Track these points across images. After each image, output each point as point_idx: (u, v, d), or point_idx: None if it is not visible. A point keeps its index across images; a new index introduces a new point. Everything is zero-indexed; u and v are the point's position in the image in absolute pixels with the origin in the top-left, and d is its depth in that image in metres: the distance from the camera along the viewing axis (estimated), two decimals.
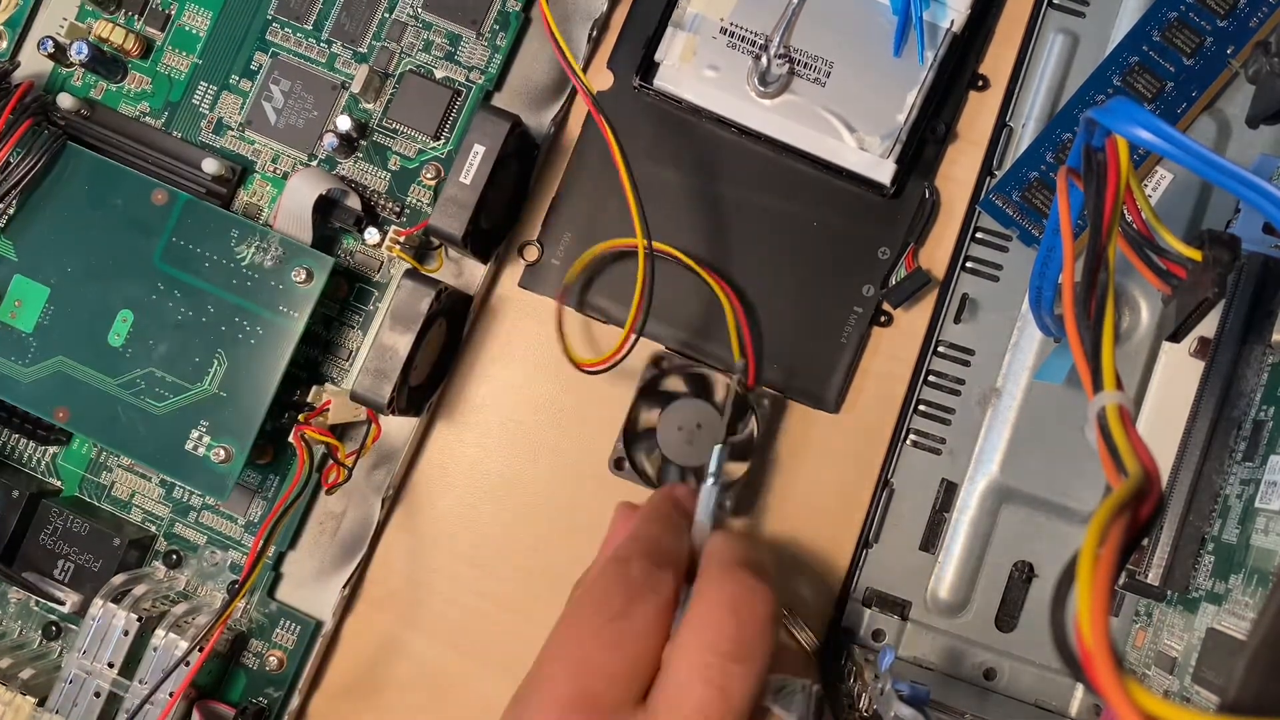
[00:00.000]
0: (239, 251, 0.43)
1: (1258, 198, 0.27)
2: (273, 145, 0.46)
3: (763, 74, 0.44)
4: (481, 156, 0.41)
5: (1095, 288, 0.28)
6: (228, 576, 0.46)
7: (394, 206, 0.46)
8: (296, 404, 0.45)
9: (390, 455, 0.46)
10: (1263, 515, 0.33)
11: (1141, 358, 0.42)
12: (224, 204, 0.46)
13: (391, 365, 0.40)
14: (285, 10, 0.46)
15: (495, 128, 0.41)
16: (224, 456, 0.42)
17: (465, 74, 0.46)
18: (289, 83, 0.46)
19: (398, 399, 0.41)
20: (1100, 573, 0.22)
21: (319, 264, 0.43)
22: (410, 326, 0.41)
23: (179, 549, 0.46)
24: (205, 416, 0.43)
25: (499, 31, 0.46)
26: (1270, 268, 0.36)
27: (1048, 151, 0.43)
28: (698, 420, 0.44)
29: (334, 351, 0.46)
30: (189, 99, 0.47)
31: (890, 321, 0.45)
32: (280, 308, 0.43)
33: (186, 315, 0.43)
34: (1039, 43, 0.45)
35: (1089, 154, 0.29)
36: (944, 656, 0.43)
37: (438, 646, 0.46)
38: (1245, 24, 0.42)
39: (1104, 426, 0.25)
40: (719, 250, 0.46)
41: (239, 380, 0.43)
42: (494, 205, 0.44)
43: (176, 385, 0.43)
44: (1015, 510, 0.43)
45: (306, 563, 0.46)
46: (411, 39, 0.46)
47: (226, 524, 0.46)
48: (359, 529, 0.46)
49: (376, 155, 0.46)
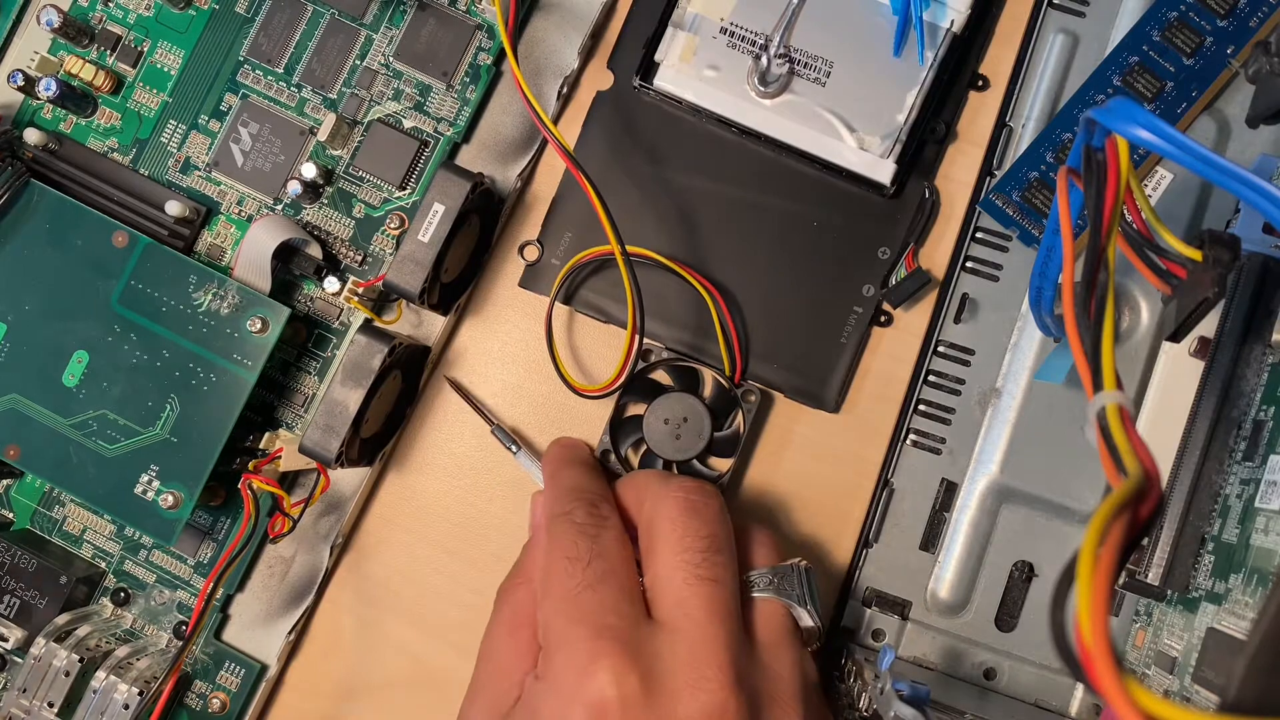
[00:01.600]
0: (196, 298, 0.43)
1: (1258, 198, 0.27)
2: (238, 188, 0.46)
3: (763, 74, 0.44)
4: (441, 215, 0.41)
5: (1095, 288, 0.28)
6: (175, 617, 0.45)
7: (356, 255, 0.45)
8: (249, 449, 0.44)
9: (340, 504, 0.45)
10: (1263, 515, 0.33)
11: (1141, 358, 0.42)
12: (187, 245, 0.45)
13: (341, 421, 0.40)
14: (257, 53, 0.46)
15: (456, 188, 0.41)
16: (172, 502, 0.42)
17: (434, 125, 0.46)
18: (257, 125, 0.46)
19: (347, 452, 0.41)
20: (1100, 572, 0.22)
21: (274, 314, 0.42)
22: (361, 382, 0.40)
23: (127, 587, 0.46)
24: (156, 461, 0.42)
25: (469, 84, 0.46)
26: (1270, 268, 0.36)
27: (1048, 151, 0.44)
28: (684, 414, 0.44)
29: (289, 397, 0.46)
30: (157, 137, 0.46)
31: (890, 321, 0.45)
32: (235, 356, 0.42)
33: (141, 359, 0.42)
34: (1039, 43, 0.45)
35: (1089, 154, 0.29)
36: (944, 656, 0.43)
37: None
38: (1245, 24, 0.42)
39: (1104, 426, 0.25)
40: (718, 250, 0.46)
41: (191, 426, 0.42)
42: (455, 260, 0.44)
43: (128, 428, 0.42)
44: (1015, 510, 0.43)
45: (254, 605, 0.45)
46: (381, 87, 0.46)
47: (176, 564, 0.45)
48: (308, 574, 0.45)
49: (341, 202, 0.46)
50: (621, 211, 0.46)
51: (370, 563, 0.46)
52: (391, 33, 0.46)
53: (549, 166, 0.47)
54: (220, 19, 0.47)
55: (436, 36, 0.46)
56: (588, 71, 0.47)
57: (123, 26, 0.47)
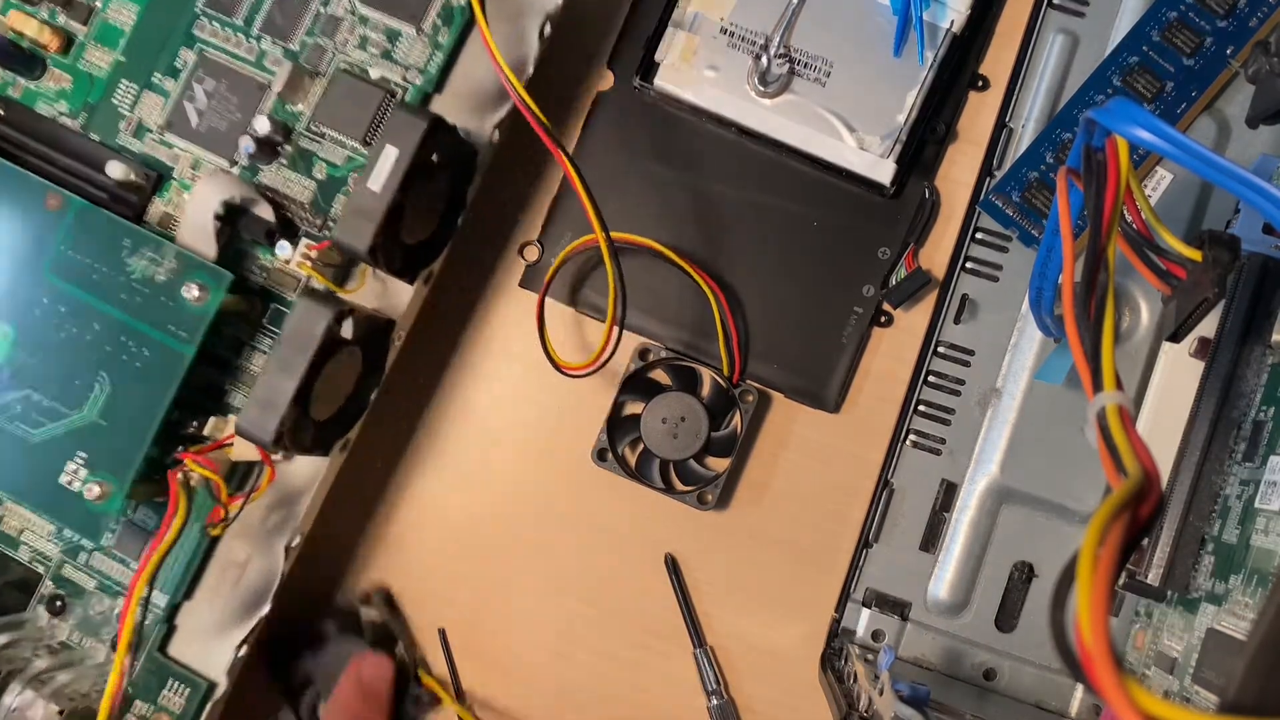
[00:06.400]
0: (130, 264, 0.39)
1: (1257, 198, 0.27)
2: (193, 150, 0.42)
3: (763, 74, 0.44)
4: (394, 161, 0.36)
5: (1095, 288, 0.28)
6: (113, 629, 0.41)
7: (317, 219, 0.42)
8: (194, 435, 0.40)
9: (293, 498, 0.41)
10: (1262, 515, 0.33)
11: (1141, 358, 0.42)
12: (136, 213, 0.42)
13: (279, 396, 0.35)
14: (215, 3, 0.42)
15: (410, 129, 0.36)
16: (99, 493, 0.38)
17: (402, 73, 0.42)
18: (214, 82, 0.42)
19: (294, 436, 0.37)
20: (1100, 572, 0.22)
21: (215, 279, 0.38)
22: (304, 351, 0.36)
23: (65, 594, 0.41)
24: (84, 447, 0.38)
25: (441, 27, 0.41)
26: (1270, 268, 0.36)
27: (1048, 152, 0.43)
28: (682, 414, 0.44)
29: (242, 378, 0.41)
30: (109, 99, 0.43)
31: (890, 322, 0.45)
32: (170, 328, 0.38)
33: (70, 332, 0.38)
34: (1039, 43, 0.45)
35: (1089, 154, 0.29)
36: (944, 657, 0.43)
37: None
38: (1245, 24, 0.42)
39: (1104, 426, 0.25)
40: (718, 250, 0.46)
41: (122, 408, 0.38)
42: (417, 218, 0.39)
43: (54, 410, 0.38)
44: (1015, 510, 0.43)
45: (204, 614, 0.41)
46: (346, 34, 0.42)
47: (119, 569, 0.41)
48: (262, 580, 0.41)
49: (301, 162, 0.42)
50: (621, 210, 0.46)
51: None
52: None
53: (550, 168, 0.47)
54: None
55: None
56: (588, 71, 0.47)
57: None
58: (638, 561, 0.46)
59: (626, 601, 0.46)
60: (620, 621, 0.46)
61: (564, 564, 0.46)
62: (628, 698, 0.45)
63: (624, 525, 0.46)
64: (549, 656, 0.46)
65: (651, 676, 0.46)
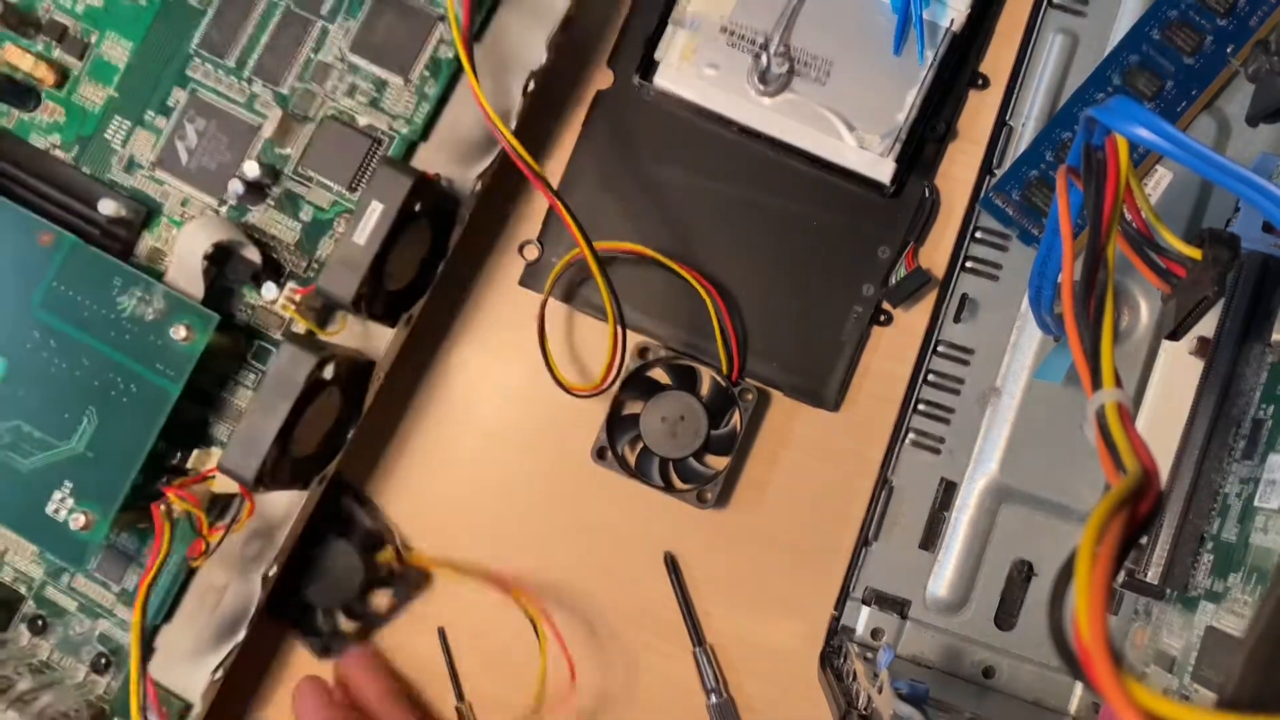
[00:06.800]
0: (120, 302, 0.39)
1: (1258, 196, 0.27)
2: (183, 188, 0.43)
3: (763, 73, 0.44)
4: (379, 215, 0.38)
5: (1094, 286, 0.28)
6: (94, 649, 0.42)
7: (302, 260, 0.42)
8: (178, 467, 0.41)
9: (271, 529, 0.42)
10: (1262, 514, 0.33)
11: (1141, 356, 0.42)
12: (126, 248, 0.43)
13: (261, 439, 0.37)
14: (208, 45, 0.43)
15: (396, 185, 0.38)
16: (84, 523, 0.39)
17: (389, 122, 0.43)
18: (205, 121, 0.43)
19: (274, 473, 0.38)
20: (1098, 570, 0.22)
21: (202, 321, 0.39)
22: (286, 396, 0.37)
23: (46, 614, 0.42)
24: (70, 478, 0.39)
25: (429, 79, 0.42)
26: (1270, 266, 0.36)
27: (1048, 150, 0.43)
28: (681, 413, 0.44)
29: (227, 413, 0.42)
30: (101, 133, 0.43)
31: (890, 320, 0.45)
32: (158, 366, 0.39)
33: (60, 367, 0.40)
34: (1039, 42, 0.45)
35: (1089, 153, 0.29)
36: (943, 655, 0.43)
37: None
38: (1245, 23, 0.42)
39: (1103, 424, 0.25)
40: (718, 249, 0.46)
41: (109, 442, 0.39)
42: (400, 267, 0.40)
43: (44, 441, 0.39)
44: (1014, 509, 0.43)
45: (182, 637, 0.41)
46: (335, 82, 0.43)
47: (100, 591, 0.42)
48: (239, 607, 0.41)
49: (288, 204, 0.43)
50: (621, 209, 0.46)
51: None
52: (348, 24, 0.43)
53: (550, 167, 0.47)
54: (171, 9, 0.44)
55: (395, 28, 0.43)
56: (588, 70, 0.47)
57: (70, 17, 0.44)
58: (637, 560, 0.46)
59: (626, 600, 0.46)
60: (619, 620, 0.46)
61: (563, 562, 0.46)
62: (627, 696, 0.46)
63: (623, 524, 0.46)
64: (548, 655, 0.46)
65: (651, 675, 0.46)
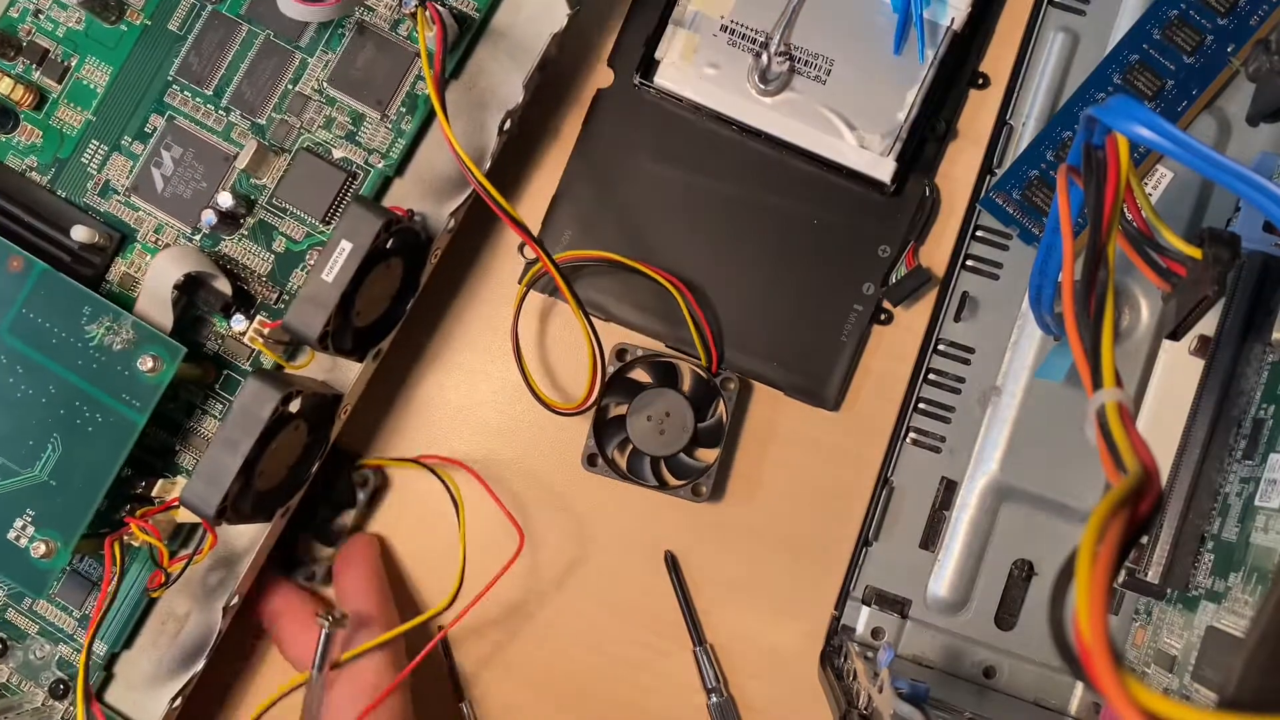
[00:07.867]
0: (89, 331, 0.39)
1: (1258, 195, 0.27)
2: (157, 214, 0.43)
3: (763, 72, 0.44)
4: (348, 254, 0.37)
5: (1095, 286, 0.28)
6: (53, 674, 0.42)
7: (273, 292, 0.42)
8: (141, 496, 0.41)
9: (234, 559, 0.42)
10: (1262, 513, 0.33)
11: (1141, 356, 0.42)
12: (98, 274, 0.42)
13: (224, 473, 0.36)
14: (187, 73, 0.43)
15: (366, 225, 0.38)
16: (45, 551, 0.38)
17: (364, 156, 0.42)
18: (181, 149, 0.43)
19: (237, 506, 0.38)
20: (1099, 569, 0.22)
21: (169, 353, 0.39)
22: (249, 431, 0.37)
23: (7, 637, 0.42)
24: (32, 505, 0.39)
25: (405, 114, 0.42)
26: (1270, 266, 0.36)
27: (1048, 150, 0.43)
28: (666, 409, 0.44)
29: (193, 442, 0.42)
30: (78, 157, 0.43)
31: (890, 319, 0.45)
32: (124, 396, 0.39)
33: (26, 393, 0.39)
34: (1039, 41, 0.45)
35: (1089, 152, 0.29)
36: (943, 654, 0.43)
37: None
38: (1246, 22, 0.42)
39: (1103, 424, 0.25)
40: (718, 248, 0.46)
41: (72, 470, 0.39)
42: (369, 304, 0.40)
43: (6, 468, 0.39)
44: (1015, 508, 0.43)
45: (142, 664, 0.41)
46: (313, 114, 0.43)
47: (61, 615, 0.42)
48: (200, 636, 0.41)
49: (262, 235, 0.43)
50: (620, 208, 0.46)
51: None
52: (327, 57, 0.43)
53: (550, 166, 0.47)
54: (152, 35, 0.43)
55: (374, 63, 0.42)
56: (588, 69, 0.47)
57: (51, 40, 0.43)
58: (637, 560, 0.46)
59: (626, 599, 0.46)
60: (620, 619, 0.46)
61: (562, 562, 0.46)
62: (627, 695, 0.46)
63: (622, 526, 0.46)
64: (548, 655, 0.46)
65: (651, 674, 0.46)
